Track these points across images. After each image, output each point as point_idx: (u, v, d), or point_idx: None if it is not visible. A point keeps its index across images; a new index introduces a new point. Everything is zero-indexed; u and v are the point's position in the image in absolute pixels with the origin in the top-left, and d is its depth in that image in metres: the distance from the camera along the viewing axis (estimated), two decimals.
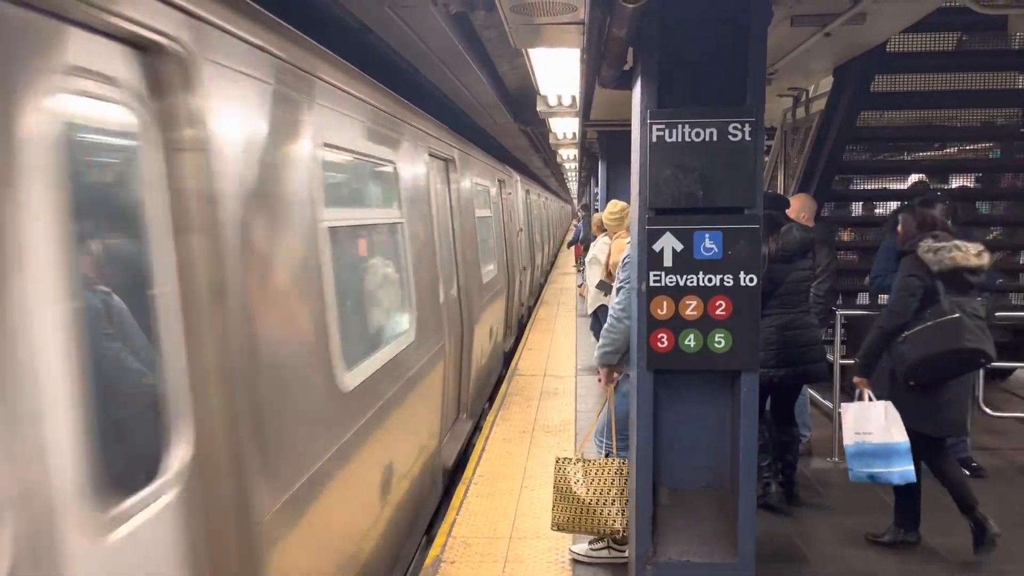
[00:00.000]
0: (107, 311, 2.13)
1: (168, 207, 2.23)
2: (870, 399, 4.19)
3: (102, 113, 2.05)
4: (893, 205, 7.45)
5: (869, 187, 8.71)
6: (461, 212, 7.12)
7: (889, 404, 4.10)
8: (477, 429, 7.23)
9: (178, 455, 2.22)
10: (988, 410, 6.16)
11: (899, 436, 4.03)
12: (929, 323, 3.99)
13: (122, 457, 2.06)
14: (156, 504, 2.10)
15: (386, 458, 4.08)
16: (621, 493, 3.92)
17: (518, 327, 12.45)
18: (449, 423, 6.16)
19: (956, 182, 8.48)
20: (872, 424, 4.08)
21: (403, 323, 4.77)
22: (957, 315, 3.94)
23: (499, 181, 11.06)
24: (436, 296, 5.63)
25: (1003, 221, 8.07)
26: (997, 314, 5.81)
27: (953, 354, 3.97)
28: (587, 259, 8.43)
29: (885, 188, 8.63)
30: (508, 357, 10.28)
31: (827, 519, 4.73)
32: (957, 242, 4.03)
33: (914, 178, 7.96)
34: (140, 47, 2.13)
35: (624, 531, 3.89)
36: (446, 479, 5.83)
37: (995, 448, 5.97)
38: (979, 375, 6.19)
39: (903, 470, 4.03)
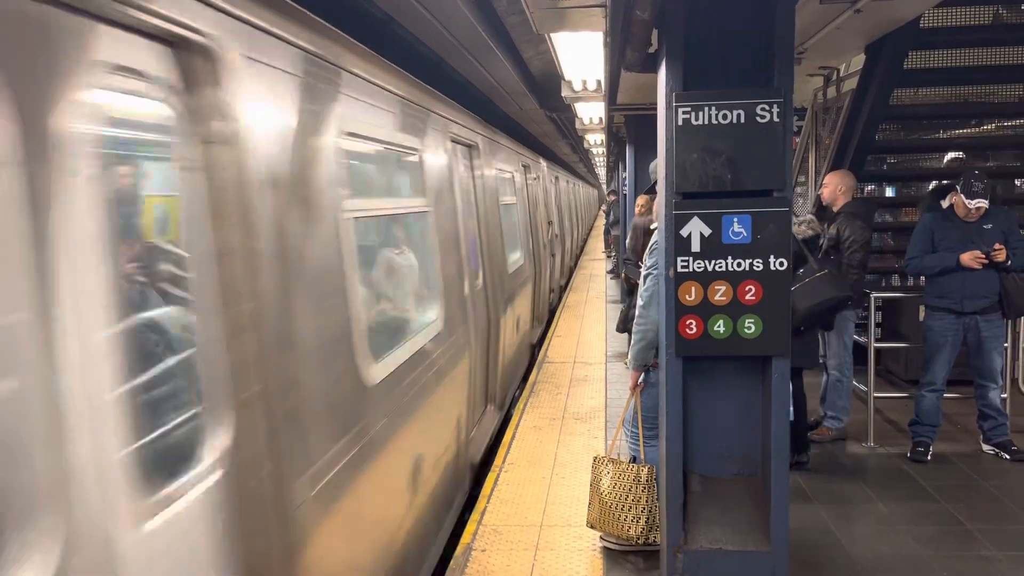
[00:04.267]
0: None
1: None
2: None
3: None
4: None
5: (904, 166, 8.54)
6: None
7: None
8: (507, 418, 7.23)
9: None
10: None
11: None
12: (807, 279, 4.76)
13: None
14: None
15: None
16: (637, 501, 3.94)
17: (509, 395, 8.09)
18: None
19: (994, 160, 8.27)
20: None
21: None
22: (826, 271, 4.79)
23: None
24: None
25: None
26: None
27: (830, 301, 4.78)
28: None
29: (920, 167, 8.45)
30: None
31: (862, 505, 4.66)
32: (800, 218, 5.26)
33: (951, 156, 7.78)
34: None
35: (639, 539, 3.94)
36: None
37: None
38: (1020, 356, 6.07)
39: None
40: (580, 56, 6.13)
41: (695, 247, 3.21)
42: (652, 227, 4.15)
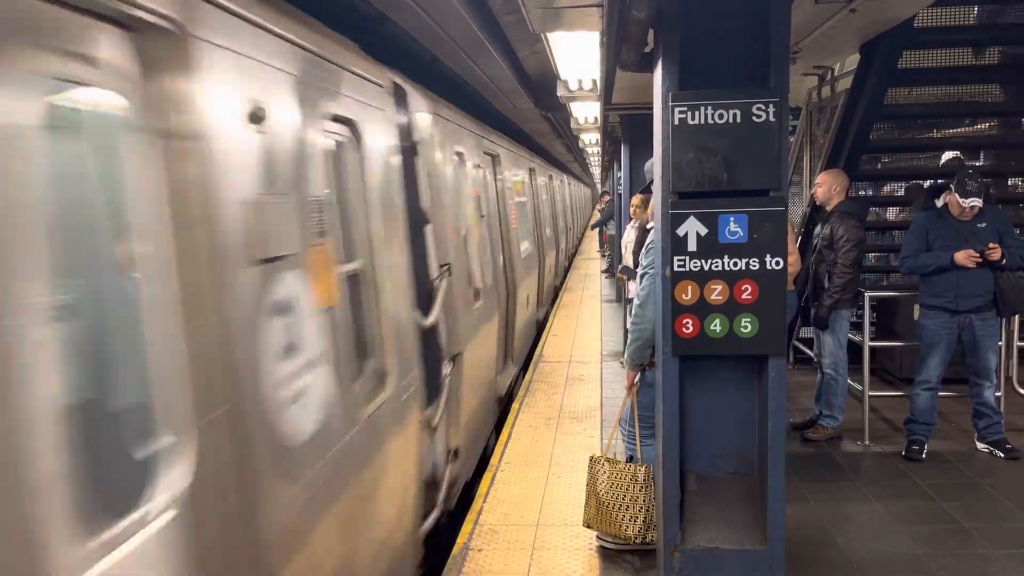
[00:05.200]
0: None
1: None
2: None
3: None
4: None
5: (899, 165, 8.56)
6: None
7: None
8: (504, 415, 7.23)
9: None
10: (1022, 391, 6.06)
11: None
12: None
13: None
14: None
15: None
16: (635, 501, 3.94)
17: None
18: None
19: (988, 159, 8.30)
20: None
21: None
22: None
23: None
24: None
25: None
26: None
27: None
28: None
29: (915, 166, 8.47)
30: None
31: (858, 503, 4.68)
32: None
33: (948, 155, 7.79)
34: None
35: (636, 539, 3.94)
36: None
37: None
38: (1014, 354, 6.08)
39: None
40: (576, 55, 6.12)
41: (691, 246, 3.22)
42: (648, 226, 4.15)
